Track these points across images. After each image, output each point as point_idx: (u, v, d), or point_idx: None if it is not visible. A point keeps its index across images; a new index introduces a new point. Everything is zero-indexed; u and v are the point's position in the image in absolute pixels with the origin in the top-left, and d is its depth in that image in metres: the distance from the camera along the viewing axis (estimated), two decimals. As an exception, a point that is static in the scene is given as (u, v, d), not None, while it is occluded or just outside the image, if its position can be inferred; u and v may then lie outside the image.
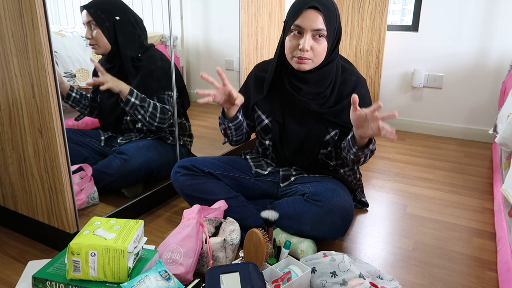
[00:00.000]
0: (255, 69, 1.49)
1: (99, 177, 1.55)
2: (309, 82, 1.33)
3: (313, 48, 1.25)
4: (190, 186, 1.41)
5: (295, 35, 1.27)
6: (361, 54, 2.72)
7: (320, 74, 1.33)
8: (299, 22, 1.23)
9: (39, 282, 1.01)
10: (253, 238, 1.12)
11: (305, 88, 1.34)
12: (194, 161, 1.45)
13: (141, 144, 1.63)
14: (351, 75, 1.38)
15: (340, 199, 1.26)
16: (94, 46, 1.56)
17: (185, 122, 1.83)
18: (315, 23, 1.22)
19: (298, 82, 1.34)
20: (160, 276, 1.00)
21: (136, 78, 1.60)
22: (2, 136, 1.32)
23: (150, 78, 1.61)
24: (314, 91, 1.35)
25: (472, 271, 1.26)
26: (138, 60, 1.61)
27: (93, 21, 1.52)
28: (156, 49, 1.69)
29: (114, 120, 1.70)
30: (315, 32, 1.24)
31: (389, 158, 2.27)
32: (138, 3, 1.84)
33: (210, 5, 2.35)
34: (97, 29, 1.53)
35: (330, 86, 1.35)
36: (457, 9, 2.47)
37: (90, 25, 1.53)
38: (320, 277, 1.07)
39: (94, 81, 1.51)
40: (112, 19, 1.54)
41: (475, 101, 2.56)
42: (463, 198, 1.78)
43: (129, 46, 1.59)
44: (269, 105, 1.42)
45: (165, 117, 1.62)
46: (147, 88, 1.61)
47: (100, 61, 1.66)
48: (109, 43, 1.56)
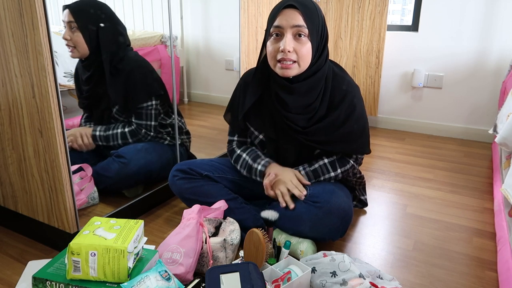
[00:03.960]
0: (244, 77, 1.42)
1: (98, 180, 1.55)
2: (296, 93, 1.25)
3: (296, 49, 1.18)
4: (188, 189, 1.40)
5: (275, 38, 1.20)
6: (361, 54, 2.71)
7: (309, 84, 1.25)
8: (277, 22, 1.18)
9: (39, 282, 1.01)
10: (253, 238, 1.12)
11: (292, 101, 1.25)
12: (192, 164, 1.44)
13: (139, 147, 1.62)
14: (341, 84, 1.30)
15: (339, 200, 1.26)
16: (72, 49, 1.47)
17: (179, 120, 1.81)
18: (293, 20, 1.16)
19: (285, 94, 1.25)
20: (160, 276, 1.00)
21: (114, 92, 1.55)
22: (2, 136, 1.32)
23: (128, 91, 1.56)
24: (302, 103, 1.27)
25: (472, 271, 1.26)
26: (116, 69, 1.54)
27: (75, 23, 1.43)
28: (134, 55, 1.61)
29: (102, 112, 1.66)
30: (295, 30, 1.16)
31: (389, 158, 2.27)
32: (138, 3, 1.84)
33: (210, 5, 2.35)
34: (77, 32, 1.45)
35: (320, 97, 1.28)
36: (457, 9, 2.47)
37: (71, 26, 1.44)
38: (320, 277, 1.07)
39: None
40: (96, 25, 1.46)
41: (475, 101, 2.56)
42: (463, 198, 1.78)
43: (111, 52, 1.52)
44: (260, 121, 1.37)
45: (138, 137, 1.61)
46: (125, 103, 1.57)
47: (78, 67, 1.60)
48: (88, 49, 1.48)
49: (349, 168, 1.38)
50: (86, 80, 1.56)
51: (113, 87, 1.55)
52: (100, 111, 1.63)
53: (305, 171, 1.35)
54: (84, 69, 1.56)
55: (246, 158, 1.42)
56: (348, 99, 1.28)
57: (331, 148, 1.32)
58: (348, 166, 1.37)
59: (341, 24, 2.73)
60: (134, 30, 1.87)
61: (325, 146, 1.31)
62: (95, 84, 1.55)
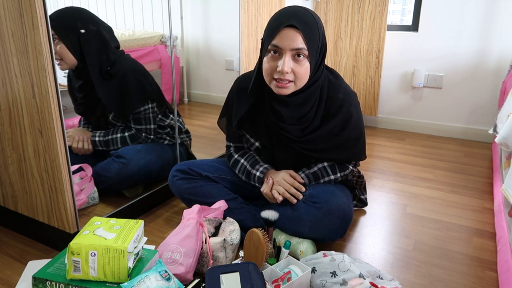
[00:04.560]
0: (237, 82, 1.39)
1: (98, 180, 1.55)
2: (291, 105, 1.24)
3: (294, 70, 1.15)
4: (188, 189, 1.41)
5: (273, 55, 1.16)
6: (361, 54, 2.71)
7: (303, 97, 1.23)
8: (276, 42, 1.13)
9: (39, 282, 1.01)
10: (253, 238, 1.12)
11: (286, 112, 1.24)
12: (191, 165, 1.44)
13: (139, 147, 1.61)
14: (337, 92, 1.27)
15: (339, 201, 1.26)
16: (60, 62, 1.44)
17: (178, 120, 1.81)
18: (294, 43, 1.12)
19: (279, 106, 1.24)
20: (160, 276, 1.00)
21: (107, 99, 1.52)
22: (2, 136, 1.32)
23: (122, 97, 1.53)
24: (296, 114, 1.25)
25: (472, 271, 1.26)
26: (107, 75, 1.50)
27: (56, 35, 1.39)
28: (126, 59, 1.57)
29: (98, 118, 1.65)
30: (294, 52, 1.13)
31: (389, 158, 2.27)
32: (138, 3, 1.84)
33: (210, 5, 2.35)
34: (60, 44, 1.40)
35: (314, 107, 1.26)
36: (457, 9, 2.47)
37: (53, 38, 1.32)
38: (320, 277, 1.07)
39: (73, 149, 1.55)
40: (76, 33, 1.41)
41: (475, 101, 2.56)
42: (463, 198, 1.78)
43: (97, 58, 1.47)
44: (255, 129, 1.36)
45: (139, 141, 1.61)
46: (120, 110, 1.55)
47: (70, 75, 1.58)
48: (75, 58, 1.44)
49: (348, 173, 1.39)
50: (79, 88, 1.54)
51: (105, 94, 1.51)
52: (97, 118, 1.62)
53: (305, 173, 1.35)
54: (76, 78, 1.53)
55: (244, 163, 1.41)
56: (345, 108, 1.27)
57: (327, 156, 1.33)
58: (348, 171, 1.38)
59: (341, 24, 2.73)
60: (134, 30, 1.87)
61: (321, 154, 1.32)
62: (88, 92, 1.54)
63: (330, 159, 1.34)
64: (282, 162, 1.37)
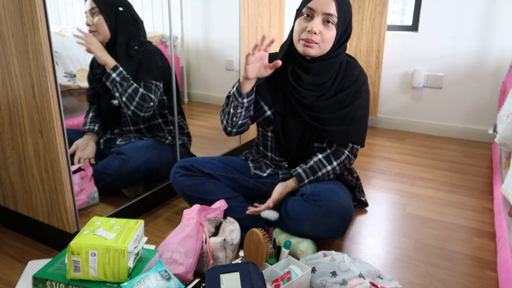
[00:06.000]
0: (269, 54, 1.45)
1: (98, 177, 1.56)
2: (311, 72, 1.33)
3: (321, 33, 1.25)
4: (190, 186, 1.41)
5: (305, 18, 1.27)
6: (361, 54, 2.72)
7: (324, 65, 1.32)
8: (311, 4, 1.24)
9: (39, 282, 1.01)
10: (253, 238, 1.12)
11: (306, 78, 1.33)
12: (194, 162, 1.44)
13: (140, 144, 1.63)
14: (353, 70, 1.38)
15: (339, 199, 1.26)
16: (94, 33, 1.56)
17: (182, 120, 1.82)
18: (327, 7, 1.23)
19: (301, 71, 1.33)
20: (160, 276, 1.00)
21: (126, 69, 1.59)
22: (2, 136, 1.32)
23: (141, 66, 1.62)
24: (315, 81, 1.34)
25: (472, 271, 1.26)
26: (133, 51, 1.62)
27: (97, 8, 1.53)
28: (155, 46, 1.69)
29: (113, 120, 1.69)
30: (325, 17, 1.24)
31: (389, 158, 2.27)
32: (138, 3, 1.84)
33: (210, 5, 2.35)
34: (99, 16, 1.54)
35: (332, 78, 1.35)
36: (457, 9, 2.47)
37: (92, 12, 1.54)
38: (320, 277, 1.07)
39: (79, 42, 1.53)
40: (115, 9, 1.56)
41: (475, 101, 2.56)
42: (463, 198, 1.78)
43: (128, 37, 1.60)
44: (272, 97, 1.41)
45: (143, 104, 1.58)
46: (135, 73, 1.61)
47: (93, 60, 1.65)
48: (109, 32, 1.57)
49: (344, 159, 1.39)
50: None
51: (125, 64, 1.59)
52: (109, 96, 1.63)
53: (302, 169, 1.36)
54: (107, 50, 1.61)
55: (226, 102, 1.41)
56: (358, 84, 1.36)
57: (331, 129, 1.35)
58: (343, 157, 1.38)
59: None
60: (134, 30, 1.87)
61: (326, 126, 1.35)
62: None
63: (333, 133, 1.36)
64: (289, 134, 1.39)
